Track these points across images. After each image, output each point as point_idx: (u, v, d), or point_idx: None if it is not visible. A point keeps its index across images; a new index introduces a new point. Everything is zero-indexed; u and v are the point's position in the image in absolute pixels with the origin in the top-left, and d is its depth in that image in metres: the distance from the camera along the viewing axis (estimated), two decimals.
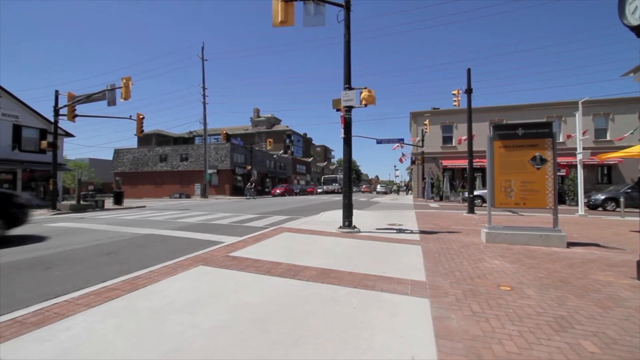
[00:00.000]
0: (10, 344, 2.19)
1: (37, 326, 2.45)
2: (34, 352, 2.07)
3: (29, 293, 3.48)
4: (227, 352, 2.08)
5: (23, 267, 4.62)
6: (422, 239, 6.44)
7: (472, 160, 13.34)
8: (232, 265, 4.24)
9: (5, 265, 4.72)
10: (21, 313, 2.70)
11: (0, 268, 4.53)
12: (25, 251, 5.69)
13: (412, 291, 3.27)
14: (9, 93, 20.17)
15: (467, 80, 13.29)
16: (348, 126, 7.57)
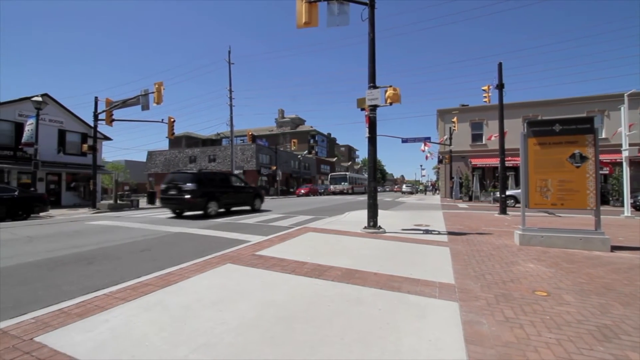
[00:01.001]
0: (58, 332, 2.36)
1: (81, 317, 2.62)
2: (78, 342, 2.21)
3: (73, 286, 3.74)
4: (254, 348, 2.13)
5: (68, 261, 4.97)
6: (451, 241, 6.24)
7: (504, 159, 12.75)
8: (258, 264, 4.33)
9: (53, 259, 5.10)
10: (66, 304, 2.90)
11: (49, 262, 4.91)
12: (70, 246, 6.12)
13: (440, 294, 3.18)
14: (55, 100, 21.78)
15: (499, 75, 12.73)
16: (373, 125, 7.49)
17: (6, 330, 2.38)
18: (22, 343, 2.20)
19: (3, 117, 19.30)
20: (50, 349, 2.11)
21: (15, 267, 4.64)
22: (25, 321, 2.55)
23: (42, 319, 2.60)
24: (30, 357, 2.01)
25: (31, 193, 13.96)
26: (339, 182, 44.46)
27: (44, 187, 20.18)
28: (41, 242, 6.78)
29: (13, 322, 2.54)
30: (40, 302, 3.19)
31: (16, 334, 2.32)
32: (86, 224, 9.93)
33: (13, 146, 19.33)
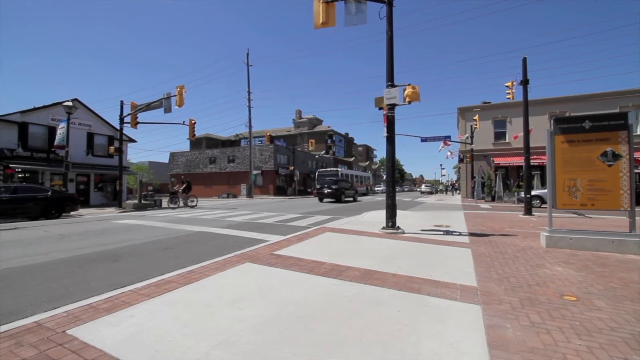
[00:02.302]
0: (88, 326, 2.47)
1: (108, 312, 2.74)
2: (106, 336, 2.31)
3: (101, 282, 3.91)
4: (273, 347, 2.15)
5: (96, 258, 5.21)
6: (472, 242, 6.07)
7: (529, 157, 12.28)
8: (277, 263, 4.37)
9: (82, 257, 5.35)
10: (95, 300, 3.04)
11: (79, 259, 5.16)
12: (98, 244, 6.41)
13: (461, 296, 3.10)
14: (84, 105, 22.85)
15: (523, 70, 12.27)
16: (391, 125, 7.40)
17: (41, 323, 2.52)
18: (56, 335, 2.32)
19: (37, 121, 20.44)
20: (80, 342, 2.22)
21: (49, 264, 4.90)
22: (58, 314, 2.69)
23: (73, 312, 2.73)
24: (62, 349, 2.12)
25: (63, 193, 14.71)
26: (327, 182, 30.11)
27: (74, 188, 21.23)
28: (72, 239, 7.14)
29: (47, 315, 2.69)
30: (71, 296, 3.35)
31: (50, 327, 2.46)
32: (112, 223, 10.35)
33: (46, 149, 20.43)
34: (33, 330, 2.40)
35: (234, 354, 2.06)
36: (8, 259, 5.17)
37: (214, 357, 2.02)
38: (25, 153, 19.56)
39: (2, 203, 11.73)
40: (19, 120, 19.55)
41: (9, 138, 19.10)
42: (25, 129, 19.86)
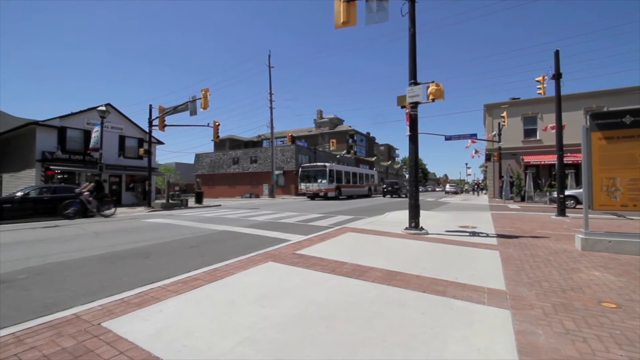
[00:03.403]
0: (120, 319, 2.60)
1: (139, 307, 2.86)
2: (137, 329, 2.42)
3: (132, 278, 4.10)
4: (295, 345, 2.17)
5: (127, 255, 5.47)
6: (501, 244, 5.84)
7: (563, 155, 11.65)
8: (299, 262, 4.41)
9: (115, 253, 5.64)
10: (127, 294, 3.19)
11: (112, 256, 5.44)
12: (130, 242, 6.72)
13: (489, 300, 2.99)
14: (116, 109, 24.06)
15: (555, 63, 11.66)
16: (414, 123, 7.26)
17: (79, 315, 2.68)
18: (92, 327, 2.46)
19: (74, 125, 21.73)
20: (114, 334, 2.34)
21: (85, 259, 5.20)
22: (94, 308, 2.85)
23: (107, 306, 2.88)
24: (98, 341, 2.24)
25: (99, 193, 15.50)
26: (311, 179, 26.46)
27: (107, 188, 22.39)
28: (105, 237, 7.53)
29: (84, 307, 2.86)
30: (105, 291, 3.54)
31: (87, 319, 2.61)
32: (142, 222, 10.83)
33: (82, 151, 21.68)
34: (72, 322, 2.55)
35: (257, 351, 2.09)
36: (50, 255, 5.54)
37: (238, 353, 2.07)
38: (63, 155, 20.86)
39: (44, 202, 12.59)
40: (58, 124, 20.88)
41: (50, 141, 20.44)
42: (64, 133, 21.18)
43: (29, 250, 6.06)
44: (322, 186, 25.74)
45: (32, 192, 12.70)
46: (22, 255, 5.51)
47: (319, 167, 26.74)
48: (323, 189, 25.69)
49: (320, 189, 25.81)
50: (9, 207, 11.74)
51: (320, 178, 25.99)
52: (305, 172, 27.65)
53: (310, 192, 26.19)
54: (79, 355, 2.06)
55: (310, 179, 26.60)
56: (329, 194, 25.62)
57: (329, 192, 25.61)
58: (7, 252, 5.89)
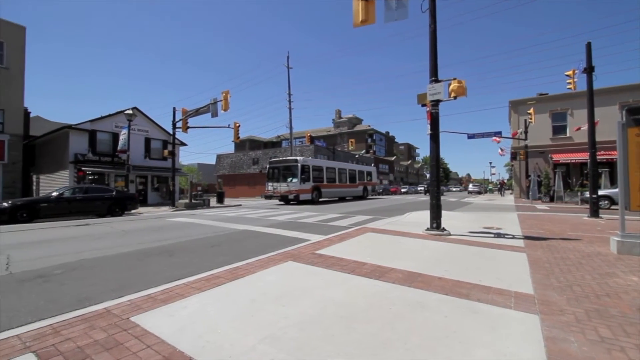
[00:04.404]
0: (147, 314, 2.71)
1: (164, 303, 2.97)
2: (163, 325, 2.51)
3: (158, 275, 4.25)
4: (316, 345, 2.17)
5: (154, 253, 5.67)
6: (528, 246, 5.60)
7: (595, 153, 11.04)
8: (318, 262, 4.42)
9: (142, 251, 5.87)
10: (153, 291, 3.31)
11: (139, 253, 5.67)
12: (155, 240, 6.98)
13: (516, 304, 2.88)
14: (142, 112, 25.04)
15: (587, 56, 11.07)
16: (435, 121, 7.11)
17: (109, 309, 2.81)
18: (121, 321, 2.57)
19: (104, 128, 22.79)
20: (142, 329, 2.43)
21: (114, 256, 5.45)
22: (123, 302, 2.98)
23: (135, 301, 3.01)
24: (127, 334, 2.34)
25: (125, 193, 16.22)
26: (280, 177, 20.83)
27: (134, 188, 23.33)
28: (133, 235, 7.85)
29: (114, 302, 2.99)
30: (133, 287, 3.69)
31: (117, 313, 2.73)
32: (167, 220, 11.21)
33: (111, 153, 22.70)
34: (103, 316, 2.68)
35: (278, 349, 2.12)
36: (83, 251, 5.83)
37: (260, 351, 2.10)
38: (94, 157, 21.92)
39: (77, 202, 13.28)
40: (89, 128, 21.97)
41: (81, 144, 21.55)
42: (94, 136, 22.26)
43: (64, 247, 6.42)
44: (292, 186, 19.69)
45: (66, 192, 13.43)
46: (58, 252, 5.85)
47: (289, 162, 20.70)
48: (293, 190, 19.56)
49: (289, 190, 19.71)
50: (45, 206, 12.48)
51: (291, 177, 20.09)
52: (272, 169, 21.42)
53: (278, 194, 20.26)
54: (109, 347, 2.16)
55: (279, 178, 20.76)
56: (301, 197, 19.62)
57: (301, 194, 19.62)
58: (44, 248, 6.27)
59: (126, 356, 2.05)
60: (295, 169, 19.99)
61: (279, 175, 20.83)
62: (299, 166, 19.89)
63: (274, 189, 20.62)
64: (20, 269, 4.63)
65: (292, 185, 19.72)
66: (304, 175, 20.03)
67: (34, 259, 5.26)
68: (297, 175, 19.76)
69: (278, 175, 20.88)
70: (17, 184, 18.09)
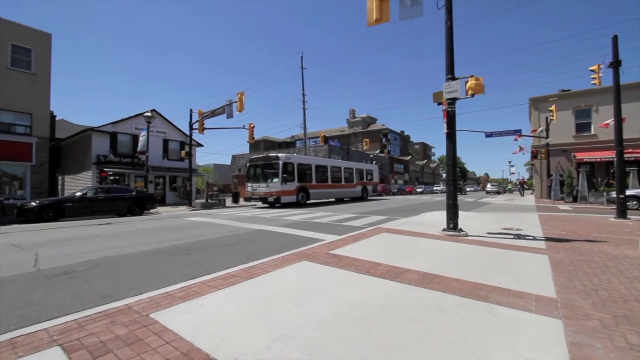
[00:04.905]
0: (166, 311, 2.78)
1: (182, 300, 3.03)
2: (181, 322, 2.57)
3: (176, 273, 4.35)
4: (330, 345, 2.17)
5: (172, 251, 5.81)
6: (550, 248, 5.41)
7: (622, 151, 10.55)
8: (333, 262, 4.41)
9: (161, 249, 6.02)
10: (171, 288, 3.39)
11: (158, 252, 5.82)
12: (173, 239, 7.15)
13: (537, 308, 2.78)
14: (160, 114, 25.71)
15: (613, 50, 10.59)
16: (451, 120, 6.97)
17: (130, 306, 2.90)
18: (141, 318, 2.64)
19: (124, 130, 23.54)
20: (160, 325, 2.50)
21: (135, 255, 5.61)
22: (143, 299, 3.07)
23: (155, 299, 3.09)
24: (147, 330, 2.41)
25: (144, 193, 16.71)
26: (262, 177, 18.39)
27: (152, 188, 23.99)
28: (152, 234, 8.07)
29: (135, 299, 3.08)
30: (152, 284, 3.79)
31: (137, 310, 2.81)
32: (184, 220, 11.46)
33: (131, 154, 23.41)
34: (124, 312, 2.77)
35: (293, 348, 2.13)
36: (105, 249, 6.05)
37: (275, 350, 2.11)
38: (115, 158, 22.66)
39: (99, 201, 13.78)
40: (110, 130, 22.73)
41: (103, 146, 22.32)
42: (115, 138, 23.01)
43: (87, 245, 6.67)
44: (272, 187, 17.23)
45: (89, 192, 13.95)
46: (82, 250, 6.08)
47: (270, 160, 18.09)
48: (273, 191, 17.12)
49: (269, 191, 17.24)
50: (70, 205, 13.00)
51: (272, 176, 17.60)
52: (252, 168, 19.03)
53: (257, 195, 17.90)
54: (130, 343, 2.22)
55: (259, 178, 18.32)
56: (283, 199, 17.22)
57: (283, 196, 17.19)
58: (69, 246, 6.53)
59: (146, 352, 2.11)
60: (276, 167, 17.49)
61: (259, 175, 18.51)
62: (281, 164, 17.36)
63: (253, 189, 18.22)
64: (48, 266, 4.84)
65: (273, 186, 17.26)
66: (286, 174, 17.61)
67: (59, 256, 5.49)
68: (278, 175, 17.29)
69: (258, 175, 18.53)
70: (44, 184, 18.89)
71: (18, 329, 2.54)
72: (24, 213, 11.98)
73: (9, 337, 2.35)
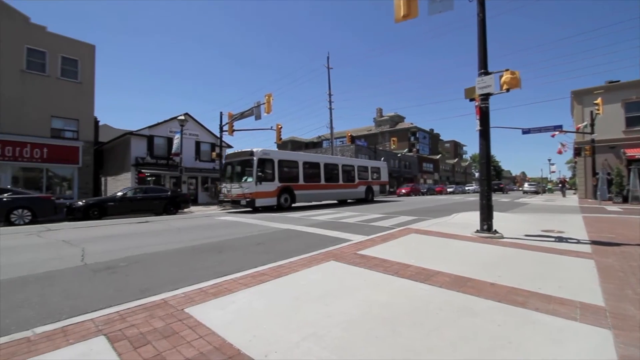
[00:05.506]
0: (200, 307, 2.89)
1: (215, 296, 3.15)
2: (213, 317, 2.67)
3: (208, 270, 4.52)
4: (359, 345, 2.16)
5: (204, 249, 6.05)
6: (596, 252, 5.02)
7: None
8: (361, 263, 4.38)
9: (194, 247, 6.28)
10: (204, 285, 3.53)
11: (192, 249, 6.08)
12: (206, 237, 7.43)
13: (582, 316, 2.59)
14: (193, 118, 26.85)
15: None
16: (485, 117, 6.67)
17: (166, 300, 3.06)
18: (177, 312, 2.78)
19: (159, 134, 24.82)
20: (194, 320, 2.61)
21: (170, 252, 5.90)
22: (178, 295, 3.22)
23: (189, 294, 3.23)
24: (182, 324, 2.52)
25: (179, 193, 17.52)
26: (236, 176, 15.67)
27: (186, 188, 25.09)
28: (186, 232, 8.44)
29: (170, 294, 3.24)
30: (187, 280, 3.96)
31: (173, 304, 2.95)
32: (216, 219, 11.88)
33: (166, 156, 24.63)
34: (161, 306, 2.92)
35: (322, 347, 2.14)
36: (144, 246, 6.41)
37: (304, 348, 2.14)
38: (151, 160, 23.96)
39: (138, 201, 14.64)
40: (147, 134, 24.07)
41: (141, 148, 23.68)
42: (152, 141, 24.33)
43: (127, 241, 7.10)
44: (245, 188, 14.56)
45: (129, 193, 14.87)
46: (123, 246, 6.48)
47: (244, 156, 15.23)
48: (247, 192, 14.45)
49: (243, 192, 14.62)
50: (112, 205, 13.94)
51: (247, 175, 14.94)
52: (228, 166, 16.62)
53: (229, 198, 15.46)
54: (167, 335, 2.34)
55: (233, 177, 15.79)
56: (258, 202, 14.56)
57: (258, 199, 14.48)
58: (111, 242, 6.99)
59: (181, 345, 2.21)
60: (250, 164, 14.65)
61: (233, 174, 15.97)
62: (255, 160, 14.50)
63: (227, 191, 15.65)
64: (93, 261, 5.21)
65: (246, 187, 14.55)
66: (262, 172, 14.79)
67: (103, 252, 5.89)
68: (252, 174, 14.46)
69: (232, 174, 16.00)
70: (89, 185, 20.36)
71: (69, 318, 2.76)
72: (72, 212, 13.02)
73: (62, 325, 2.57)
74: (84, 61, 20.11)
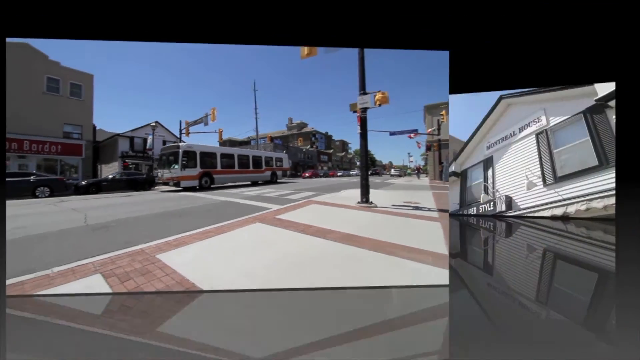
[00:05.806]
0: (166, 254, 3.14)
1: (176, 247, 3.40)
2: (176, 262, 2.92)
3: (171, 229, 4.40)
4: (279, 279, 2.48)
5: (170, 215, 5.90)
6: (442, 217, 5.26)
7: None
8: (278, 224, 4.60)
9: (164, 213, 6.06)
10: (169, 239, 3.67)
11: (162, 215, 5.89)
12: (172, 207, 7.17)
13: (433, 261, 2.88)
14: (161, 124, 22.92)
15: None
16: (364, 124, 7.40)
17: (143, 249, 3.32)
18: (150, 257, 3.08)
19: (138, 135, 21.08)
20: (162, 263, 2.94)
21: (148, 216, 5.70)
22: (152, 245, 3.46)
23: (159, 245, 3.49)
24: (154, 266, 2.87)
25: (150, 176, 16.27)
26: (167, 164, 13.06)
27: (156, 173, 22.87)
28: (158, 202, 8.29)
29: (146, 245, 3.48)
30: (157, 235, 4.00)
31: (148, 252, 3.23)
32: (177, 194, 11.49)
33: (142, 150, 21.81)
34: (139, 253, 3.19)
35: (252, 281, 2.46)
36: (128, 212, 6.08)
37: (239, 282, 2.44)
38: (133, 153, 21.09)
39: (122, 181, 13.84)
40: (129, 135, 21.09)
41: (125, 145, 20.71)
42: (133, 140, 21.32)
43: (117, 209, 6.78)
44: (174, 173, 15.39)
45: (117, 176, 14.14)
46: (113, 212, 6.15)
47: (173, 149, 15.87)
48: (175, 176, 15.29)
49: (172, 176, 15.40)
50: (105, 184, 13.21)
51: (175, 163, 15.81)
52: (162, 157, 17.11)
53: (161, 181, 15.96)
54: (144, 273, 2.71)
55: (165, 165, 16.51)
56: (183, 183, 15.31)
57: (183, 181, 15.36)
58: (105, 210, 6.61)
59: (153, 280, 2.55)
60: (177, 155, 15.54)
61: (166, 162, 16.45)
62: (181, 152, 15.44)
63: (161, 175, 16.09)
64: (93, 222, 5.00)
65: (175, 172, 15.31)
66: (187, 161, 15.55)
67: (100, 216, 5.55)
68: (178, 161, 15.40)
69: (165, 163, 16.48)
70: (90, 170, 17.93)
71: (76, 261, 2.94)
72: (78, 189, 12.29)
73: (72, 266, 2.80)
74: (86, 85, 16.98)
